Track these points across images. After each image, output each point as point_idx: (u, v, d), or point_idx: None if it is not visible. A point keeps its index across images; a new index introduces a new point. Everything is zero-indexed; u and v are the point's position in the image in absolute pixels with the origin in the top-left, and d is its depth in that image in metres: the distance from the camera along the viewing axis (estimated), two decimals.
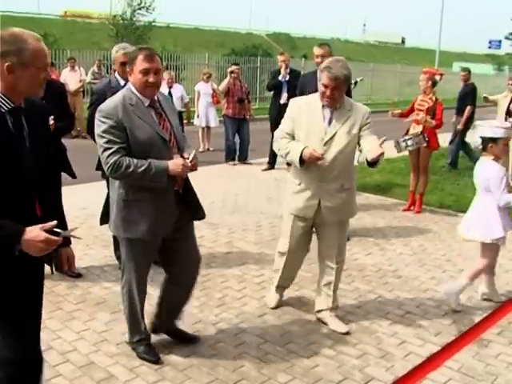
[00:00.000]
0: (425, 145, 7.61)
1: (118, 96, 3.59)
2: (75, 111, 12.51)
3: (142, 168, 3.44)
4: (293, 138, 4.26)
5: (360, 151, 4.23)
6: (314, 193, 4.25)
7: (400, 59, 51.36)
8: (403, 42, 75.14)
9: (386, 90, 30.49)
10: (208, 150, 12.88)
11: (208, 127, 12.92)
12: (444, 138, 10.82)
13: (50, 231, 2.50)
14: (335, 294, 4.53)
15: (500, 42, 58.04)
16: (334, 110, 4.21)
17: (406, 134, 7.92)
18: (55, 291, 4.89)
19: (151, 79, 3.51)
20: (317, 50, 7.07)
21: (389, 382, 3.74)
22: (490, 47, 57.22)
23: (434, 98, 7.91)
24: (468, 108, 11.17)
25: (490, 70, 54.88)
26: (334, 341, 4.28)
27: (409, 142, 7.58)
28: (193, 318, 4.43)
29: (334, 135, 4.16)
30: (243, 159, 11.54)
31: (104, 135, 3.46)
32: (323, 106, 4.20)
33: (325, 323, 4.47)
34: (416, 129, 7.80)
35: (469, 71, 11.87)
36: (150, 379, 3.68)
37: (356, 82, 9.24)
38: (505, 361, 4.07)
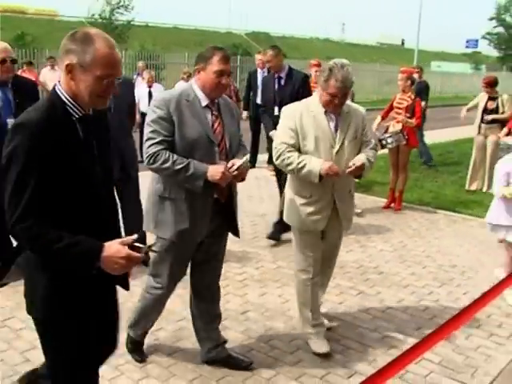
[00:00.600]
0: (404, 142, 7.71)
1: (176, 89, 3.53)
2: None
3: (180, 166, 3.32)
4: (298, 149, 3.92)
5: None
6: (328, 202, 3.99)
7: (378, 58, 51.69)
8: (403, 43, 75.70)
9: (366, 88, 30.66)
10: None
11: None
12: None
13: (130, 246, 2.32)
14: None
15: (477, 41, 58.51)
16: (338, 115, 3.96)
17: (386, 132, 8.01)
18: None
19: (224, 81, 3.40)
20: (264, 56, 7.04)
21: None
22: (467, 46, 57.64)
23: (412, 97, 8.01)
24: (422, 104, 11.37)
25: (468, 68, 55.47)
26: None
27: (388, 140, 7.69)
28: (177, 315, 4.45)
29: (342, 143, 3.93)
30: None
31: (151, 124, 3.38)
32: (326, 111, 3.92)
33: None
34: (395, 127, 7.89)
35: (421, 69, 12.21)
36: (135, 376, 3.70)
37: None
38: (484, 353, 4.16)
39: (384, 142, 7.65)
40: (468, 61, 61.44)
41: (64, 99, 2.32)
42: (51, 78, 14.44)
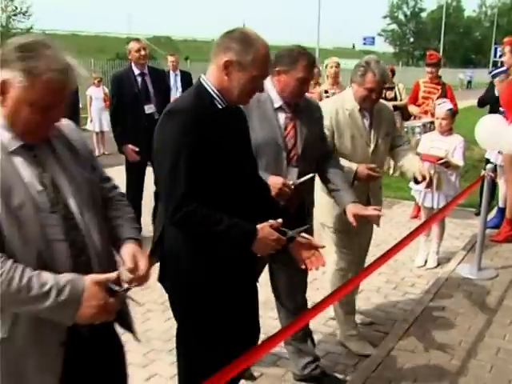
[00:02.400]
0: None
1: None
2: None
3: None
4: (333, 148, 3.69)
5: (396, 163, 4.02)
6: (363, 200, 3.67)
7: None
8: (354, 47, 77.45)
9: None
10: (104, 153, 12.86)
11: (102, 132, 12.93)
12: None
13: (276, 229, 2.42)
14: None
15: (373, 38, 60.91)
16: (371, 112, 3.81)
17: None
18: None
19: (306, 88, 3.17)
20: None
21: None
22: (364, 44, 59.91)
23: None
24: None
25: None
26: None
27: None
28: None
29: (377, 141, 3.82)
30: None
31: None
32: (360, 109, 3.76)
33: None
34: None
35: None
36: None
37: None
38: (402, 308, 4.76)
39: None
40: None
41: (210, 91, 2.43)
42: None
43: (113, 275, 1.86)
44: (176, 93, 9.57)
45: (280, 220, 2.43)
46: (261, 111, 3.08)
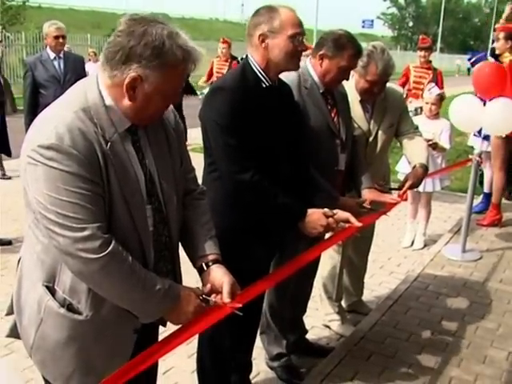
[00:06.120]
0: None
1: (293, 74, 2.94)
2: None
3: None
4: None
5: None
6: None
7: None
8: None
9: None
10: None
11: None
12: None
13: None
14: None
15: (372, 21, 60.48)
16: (373, 102, 3.59)
17: None
18: None
19: (347, 77, 3.06)
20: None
21: None
22: (363, 27, 59.47)
23: None
24: None
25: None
26: None
27: None
28: None
29: (376, 133, 3.62)
30: None
31: None
32: (361, 100, 3.55)
33: None
34: None
35: None
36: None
37: (242, 58, 10.13)
38: (386, 287, 4.90)
39: None
40: (365, 40, 63.57)
41: (256, 70, 2.56)
42: None
43: (208, 287, 1.91)
44: None
45: (336, 210, 2.60)
46: (312, 97, 3.02)
